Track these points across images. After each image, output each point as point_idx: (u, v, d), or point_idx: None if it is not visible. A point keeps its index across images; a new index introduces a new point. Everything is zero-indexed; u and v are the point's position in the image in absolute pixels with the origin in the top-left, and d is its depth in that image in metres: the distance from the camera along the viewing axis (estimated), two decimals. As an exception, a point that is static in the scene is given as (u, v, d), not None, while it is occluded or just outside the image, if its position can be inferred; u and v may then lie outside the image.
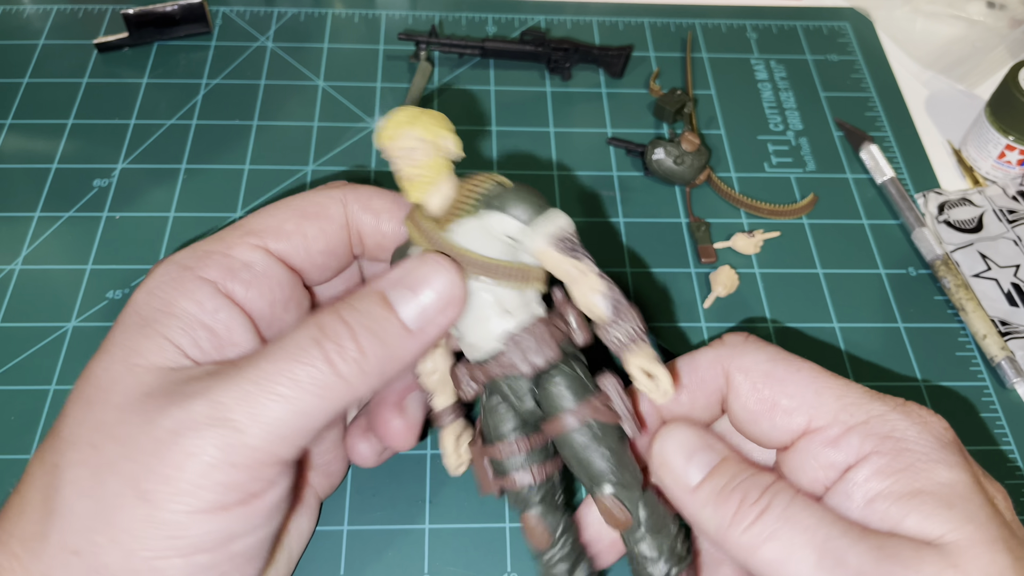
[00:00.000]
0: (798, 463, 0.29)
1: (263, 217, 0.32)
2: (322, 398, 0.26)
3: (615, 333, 0.29)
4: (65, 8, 0.59)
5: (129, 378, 0.27)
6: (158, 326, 0.28)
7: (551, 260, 0.29)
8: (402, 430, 0.34)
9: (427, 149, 0.29)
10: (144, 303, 0.29)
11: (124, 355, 0.28)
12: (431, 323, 0.28)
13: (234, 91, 0.55)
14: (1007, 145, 0.51)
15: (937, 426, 0.27)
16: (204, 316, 0.29)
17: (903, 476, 0.26)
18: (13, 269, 0.46)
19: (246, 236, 0.31)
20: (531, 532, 0.31)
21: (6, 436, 0.40)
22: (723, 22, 0.62)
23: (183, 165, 0.51)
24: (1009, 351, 0.44)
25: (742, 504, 0.27)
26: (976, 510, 0.25)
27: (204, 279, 0.29)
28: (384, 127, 0.29)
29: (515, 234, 0.29)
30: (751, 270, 0.48)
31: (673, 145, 0.50)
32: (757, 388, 0.29)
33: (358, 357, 0.27)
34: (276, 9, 0.61)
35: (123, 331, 0.28)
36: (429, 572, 0.37)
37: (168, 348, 0.28)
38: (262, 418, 0.25)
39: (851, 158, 0.54)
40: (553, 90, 0.57)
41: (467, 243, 0.29)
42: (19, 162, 0.51)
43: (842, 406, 0.28)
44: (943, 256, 0.48)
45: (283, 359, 0.26)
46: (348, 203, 0.33)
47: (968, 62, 0.60)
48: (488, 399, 0.31)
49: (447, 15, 0.61)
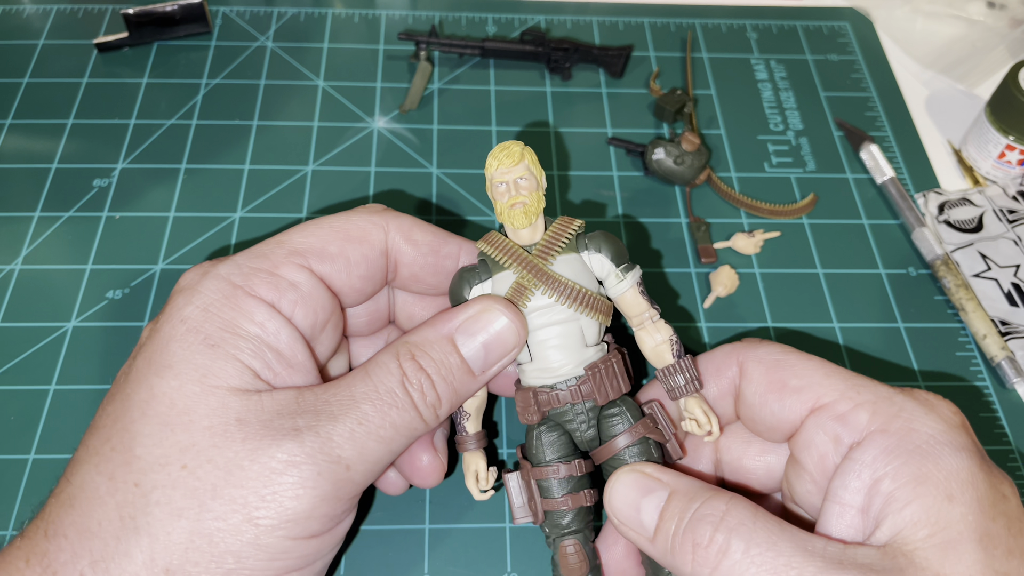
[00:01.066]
0: (805, 441, 0.29)
1: (306, 235, 0.31)
2: (409, 439, 0.29)
3: (674, 379, 0.31)
4: (65, 8, 0.59)
5: (212, 401, 0.27)
6: (229, 347, 0.28)
7: (633, 302, 0.32)
8: (433, 467, 0.34)
9: (532, 182, 0.32)
10: (203, 321, 0.28)
11: (198, 376, 0.27)
12: (493, 368, 0.31)
13: (234, 91, 0.55)
14: (1007, 145, 0.51)
15: (944, 409, 0.27)
16: (268, 337, 0.29)
17: (910, 459, 0.26)
18: (13, 269, 0.46)
19: (291, 256, 0.31)
20: (569, 560, 0.31)
21: (6, 436, 0.40)
22: (723, 22, 0.62)
23: (183, 165, 0.51)
24: (1009, 351, 0.44)
25: (696, 549, 0.26)
26: (976, 503, 0.25)
27: (259, 299, 0.29)
28: (501, 156, 0.31)
29: (605, 274, 0.32)
30: (751, 270, 0.48)
31: (673, 145, 0.50)
32: (768, 371, 0.30)
33: (436, 404, 0.30)
34: (276, 9, 0.61)
35: (187, 349, 0.28)
36: (429, 572, 0.37)
37: (244, 371, 0.28)
38: (368, 457, 0.28)
39: (851, 158, 0.54)
40: (553, 90, 0.57)
41: (567, 274, 0.31)
42: (19, 162, 0.51)
43: (850, 386, 0.28)
44: (943, 256, 0.48)
45: (381, 403, 0.29)
46: (390, 231, 0.33)
47: (968, 62, 0.60)
48: (539, 426, 0.32)
49: (447, 15, 0.61)
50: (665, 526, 0.27)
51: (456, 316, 0.31)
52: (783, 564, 0.24)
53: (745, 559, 0.25)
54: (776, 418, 0.30)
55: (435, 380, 0.30)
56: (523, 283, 0.31)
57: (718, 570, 0.25)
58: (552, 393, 0.31)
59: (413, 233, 0.33)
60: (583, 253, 0.32)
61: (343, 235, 0.32)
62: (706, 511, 0.26)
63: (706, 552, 0.26)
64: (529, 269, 0.31)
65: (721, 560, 0.25)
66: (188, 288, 0.29)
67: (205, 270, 0.30)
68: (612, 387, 0.31)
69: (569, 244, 0.32)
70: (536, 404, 0.32)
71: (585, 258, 0.32)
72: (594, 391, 0.31)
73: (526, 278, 0.31)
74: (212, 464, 0.26)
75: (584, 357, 0.32)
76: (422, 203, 0.50)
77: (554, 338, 0.31)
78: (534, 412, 0.32)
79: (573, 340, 0.31)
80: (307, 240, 0.31)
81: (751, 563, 0.25)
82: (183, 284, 0.30)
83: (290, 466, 0.26)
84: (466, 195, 0.50)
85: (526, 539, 0.38)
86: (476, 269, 0.32)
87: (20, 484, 0.38)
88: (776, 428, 0.30)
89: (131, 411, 0.27)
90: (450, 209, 0.50)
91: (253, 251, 0.31)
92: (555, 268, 0.31)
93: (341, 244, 0.32)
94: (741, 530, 0.25)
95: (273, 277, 0.30)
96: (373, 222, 0.32)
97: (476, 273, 0.32)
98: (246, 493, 0.26)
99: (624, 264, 0.32)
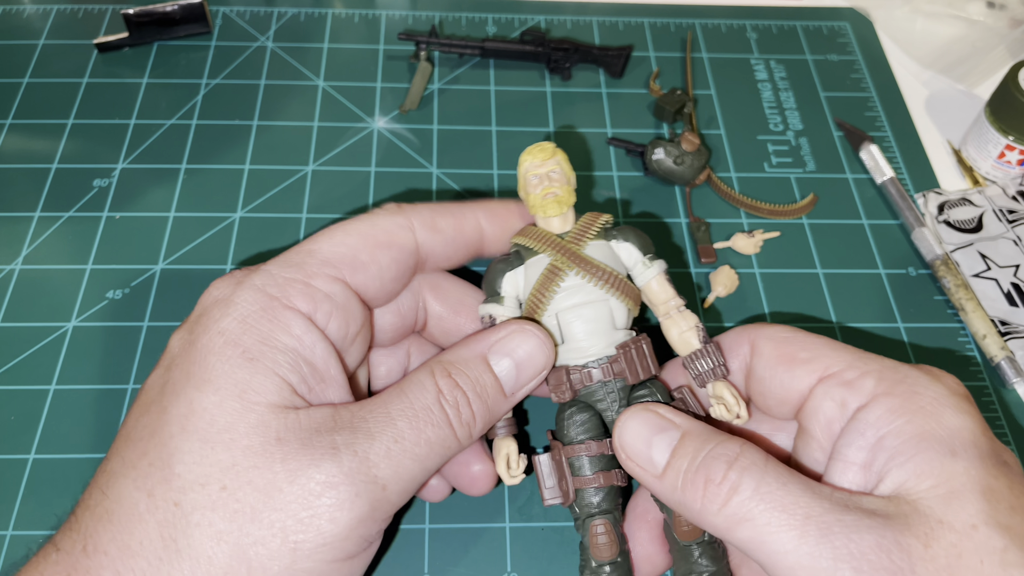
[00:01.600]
0: (813, 408, 0.29)
1: (335, 244, 0.31)
2: (443, 457, 0.30)
3: (701, 364, 0.32)
4: (65, 8, 0.59)
5: (252, 418, 0.27)
6: (267, 361, 0.28)
7: (660, 290, 0.33)
8: (485, 474, 0.34)
9: (563, 176, 0.34)
10: (241, 333, 0.28)
11: (238, 392, 0.27)
12: (524, 388, 0.32)
13: (234, 91, 0.55)
14: (1007, 145, 0.51)
15: (949, 379, 0.28)
16: (304, 351, 0.29)
17: (914, 417, 0.26)
18: (13, 269, 0.46)
19: (324, 266, 0.30)
20: (598, 539, 0.32)
21: (6, 436, 0.40)
22: (723, 22, 0.62)
23: (183, 165, 0.51)
24: (1009, 351, 0.44)
25: (708, 485, 0.26)
26: (978, 460, 0.25)
27: (296, 310, 0.29)
28: (534, 151, 0.34)
29: (633, 262, 0.34)
30: (751, 270, 0.48)
31: (673, 145, 0.50)
32: (778, 346, 0.30)
33: (471, 422, 0.30)
34: (276, 9, 0.61)
35: (226, 363, 0.28)
36: (429, 572, 0.37)
37: (282, 386, 0.28)
38: (403, 476, 0.28)
39: (851, 158, 0.54)
40: (553, 90, 0.57)
41: (598, 258, 0.33)
42: (19, 162, 0.51)
43: (857, 357, 0.29)
44: (943, 256, 0.48)
45: (417, 420, 0.29)
46: (415, 228, 0.33)
47: (968, 62, 0.60)
48: (570, 407, 0.33)
49: (447, 15, 0.61)
50: (677, 463, 0.28)
51: (489, 337, 0.32)
52: (791, 502, 0.25)
53: (755, 496, 0.25)
54: (785, 389, 0.30)
55: (471, 398, 0.30)
56: (557, 264, 0.32)
57: (728, 506, 0.26)
58: (584, 371, 0.32)
59: (436, 221, 0.33)
60: (612, 242, 0.34)
61: (372, 241, 0.32)
62: (720, 451, 0.27)
63: (718, 489, 0.26)
64: (563, 252, 0.32)
65: (732, 496, 0.26)
66: (224, 300, 0.29)
67: (239, 280, 0.30)
68: (643, 367, 0.32)
69: (599, 234, 0.33)
70: (569, 382, 0.32)
71: (614, 246, 0.34)
72: (625, 370, 0.32)
73: (560, 260, 0.32)
74: (252, 486, 0.26)
75: (614, 339, 0.32)
76: (422, 203, 0.50)
77: (585, 319, 0.32)
78: (567, 390, 0.32)
79: (603, 321, 0.32)
80: (338, 249, 0.31)
81: (761, 500, 0.25)
82: (217, 295, 0.30)
83: (328, 487, 0.26)
84: (466, 195, 0.50)
85: (526, 539, 0.38)
86: (509, 258, 0.34)
87: (20, 484, 0.38)
88: (785, 400, 0.30)
89: (169, 425, 0.27)
90: (450, 209, 0.50)
91: (285, 260, 0.31)
92: (587, 252, 0.33)
93: (372, 251, 0.31)
94: (753, 470, 0.26)
95: (308, 288, 0.30)
96: (398, 223, 0.32)
97: (509, 262, 0.34)
98: (284, 517, 0.26)
99: (651, 254, 0.34)
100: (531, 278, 0.33)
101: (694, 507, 0.27)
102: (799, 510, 0.25)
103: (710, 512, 0.26)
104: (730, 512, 0.26)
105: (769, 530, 0.25)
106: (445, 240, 0.34)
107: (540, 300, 0.32)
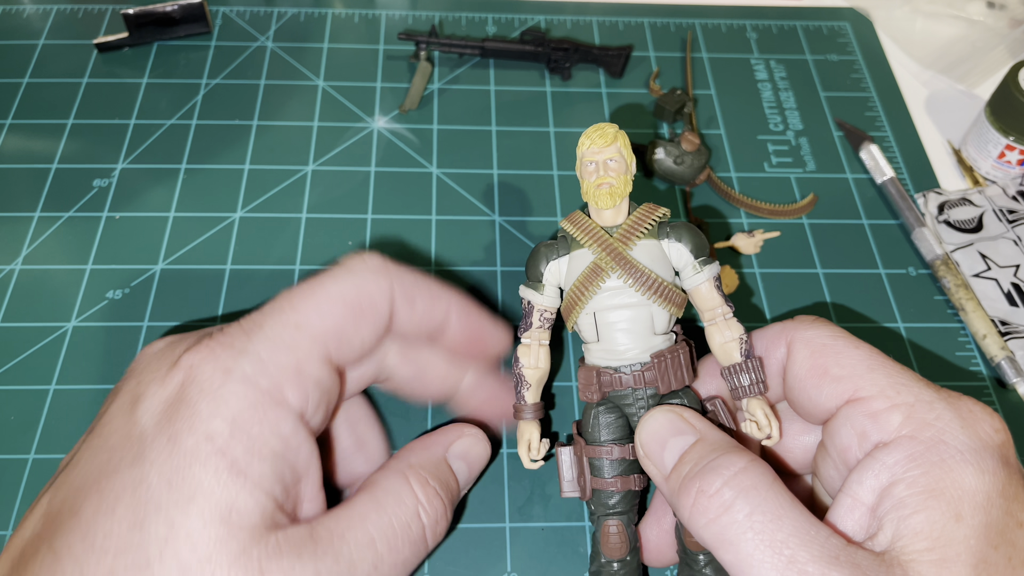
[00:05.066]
0: (834, 428, 0.29)
1: (323, 316, 0.30)
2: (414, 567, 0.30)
3: (740, 379, 0.31)
4: (65, 8, 0.59)
5: (234, 546, 0.25)
6: (254, 476, 0.26)
7: (707, 295, 0.32)
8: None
9: (622, 164, 0.32)
10: (231, 439, 0.26)
11: (223, 515, 0.26)
12: (470, 483, 0.35)
13: (234, 91, 0.55)
14: (1007, 145, 0.51)
15: (985, 425, 0.26)
16: (289, 454, 0.28)
17: (931, 469, 0.25)
18: (13, 269, 0.46)
19: (314, 345, 0.29)
20: (610, 539, 0.32)
21: (6, 436, 0.40)
22: (723, 22, 0.62)
23: (183, 165, 0.51)
24: (1009, 351, 0.44)
25: (699, 496, 0.26)
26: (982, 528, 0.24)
27: (288, 409, 0.28)
28: (594, 135, 0.32)
29: (683, 264, 0.32)
30: (751, 270, 0.48)
31: (673, 145, 0.50)
32: (813, 355, 0.30)
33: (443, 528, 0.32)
34: (276, 9, 0.61)
35: (212, 477, 0.26)
36: (429, 572, 0.37)
37: (266, 505, 0.26)
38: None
39: (851, 158, 0.54)
40: (553, 90, 0.57)
41: (644, 261, 0.31)
42: (19, 162, 0.51)
43: (891, 383, 0.28)
44: (943, 256, 0.48)
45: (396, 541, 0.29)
46: (395, 297, 0.32)
47: (968, 62, 0.60)
48: (598, 405, 0.32)
49: (447, 15, 0.61)
50: (680, 467, 0.28)
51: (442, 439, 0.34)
52: (780, 540, 0.24)
53: (746, 522, 0.25)
54: (812, 403, 0.30)
55: (447, 504, 0.31)
56: (600, 264, 0.31)
57: (716, 523, 0.25)
58: (615, 376, 0.31)
59: (414, 297, 0.32)
60: (663, 241, 0.32)
61: (356, 310, 0.30)
62: (721, 463, 0.27)
63: (708, 502, 0.26)
64: (608, 252, 0.31)
65: (722, 515, 0.25)
66: (210, 391, 0.27)
67: (226, 367, 0.27)
68: (676, 378, 0.31)
69: (651, 231, 0.32)
70: (598, 383, 0.32)
71: (665, 246, 0.32)
72: (657, 379, 0.31)
73: (604, 260, 0.31)
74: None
75: (651, 344, 0.31)
76: (422, 203, 0.50)
77: (623, 321, 0.31)
78: (595, 391, 0.32)
79: (642, 326, 0.31)
80: (325, 323, 0.30)
81: (750, 528, 0.25)
82: (201, 379, 0.27)
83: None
84: (466, 195, 0.50)
85: (526, 539, 0.38)
86: (555, 245, 0.33)
87: (20, 484, 0.38)
88: (812, 413, 0.30)
89: (147, 547, 0.25)
90: (450, 209, 0.50)
91: (274, 338, 0.29)
92: (634, 253, 0.31)
93: (356, 322, 0.31)
94: (752, 494, 0.25)
95: (300, 377, 0.28)
96: (380, 289, 0.31)
97: (555, 248, 0.33)
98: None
99: (703, 257, 0.32)
100: (574, 271, 0.32)
101: (683, 514, 0.27)
102: (786, 551, 0.24)
103: (698, 523, 0.26)
104: (719, 530, 0.25)
105: (751, 562, 0.24)
106: (412, 318, 0.32)
107: (579, 297, 0.32)
